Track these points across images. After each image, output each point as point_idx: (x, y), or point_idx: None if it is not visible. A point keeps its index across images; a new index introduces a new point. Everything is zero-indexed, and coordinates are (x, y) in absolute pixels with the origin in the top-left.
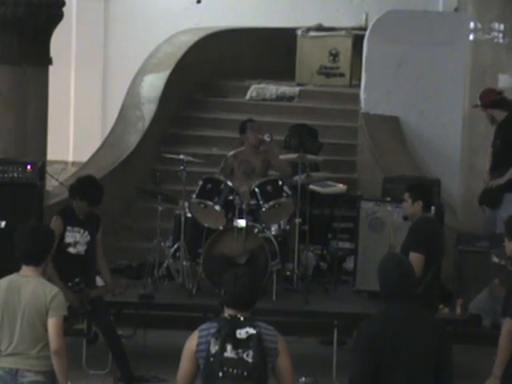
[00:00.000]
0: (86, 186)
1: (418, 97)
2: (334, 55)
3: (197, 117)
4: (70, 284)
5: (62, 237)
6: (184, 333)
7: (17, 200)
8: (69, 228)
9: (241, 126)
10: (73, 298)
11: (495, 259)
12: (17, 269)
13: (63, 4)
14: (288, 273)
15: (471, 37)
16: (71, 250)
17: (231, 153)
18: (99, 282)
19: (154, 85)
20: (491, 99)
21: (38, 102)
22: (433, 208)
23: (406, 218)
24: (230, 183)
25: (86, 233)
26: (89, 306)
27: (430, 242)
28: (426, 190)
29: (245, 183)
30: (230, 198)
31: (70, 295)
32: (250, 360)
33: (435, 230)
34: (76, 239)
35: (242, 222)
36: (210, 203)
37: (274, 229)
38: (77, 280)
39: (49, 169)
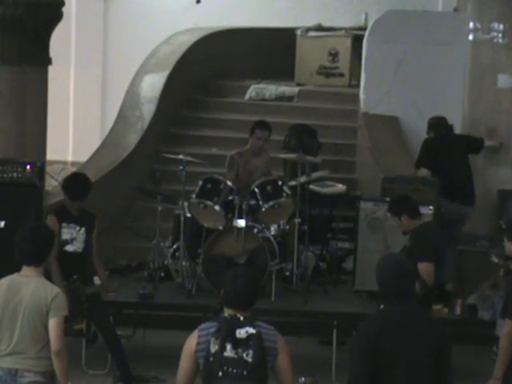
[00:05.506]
0: (67, 180)
1: (417, 97)
2: (334, 55)
3: (196, 117)
4: (64, 283)
5: (59, 234)
6: (183, 333)
7: (16, 200)
8: (64, 225)
9: (252, 126)
10: (68, 297)
11: (495, 259)
12: (17, 269)
13: (62, 4)
14: (287, 273)
15: (470, 37)
16: (68, 248)
17: (235, 151)
18: (97, 281)
19: (153, 85)
20: (428, 123)
21: (37, 102)
22: (431, 208)
23: (405, 233)
24: (229, 183)
25: (83, 229)
26: (85, 304)
27: (435, 247)
28: (404, 201)
29: (247, 183)
30: (230, 197)
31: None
32: (249, 359)
33: (436, 234)
34: (72, 235)
35: (241, 222)
36: (210, 203)
37: (273, 229)
38: (74, 277)
39: (48, 169)
